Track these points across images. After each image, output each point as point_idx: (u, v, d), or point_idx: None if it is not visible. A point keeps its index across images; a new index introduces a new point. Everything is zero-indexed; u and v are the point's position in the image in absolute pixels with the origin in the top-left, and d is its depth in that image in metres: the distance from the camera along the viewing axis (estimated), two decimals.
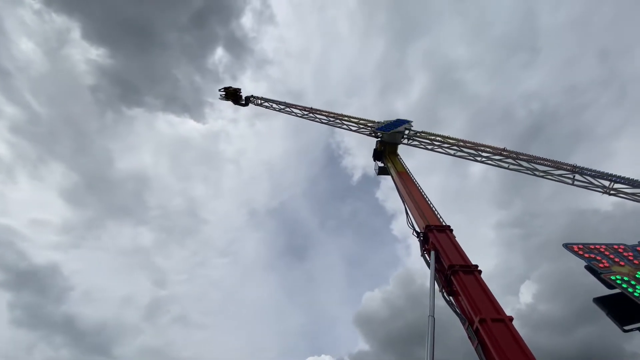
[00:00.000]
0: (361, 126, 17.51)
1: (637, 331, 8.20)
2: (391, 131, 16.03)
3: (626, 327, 8.33)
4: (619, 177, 11.77)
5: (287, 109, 21.20)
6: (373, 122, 17.32)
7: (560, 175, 12.87)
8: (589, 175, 12.29)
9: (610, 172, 12.07)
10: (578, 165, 12.63)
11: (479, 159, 14.52)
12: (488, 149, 14.26)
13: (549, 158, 13.14)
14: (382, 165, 16.19)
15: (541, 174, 13.16)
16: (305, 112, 20.01)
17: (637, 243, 10.62)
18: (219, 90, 26.20)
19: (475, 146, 14.58)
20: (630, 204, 11.44)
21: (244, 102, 25.70)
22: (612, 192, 11.81)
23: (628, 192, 11.66)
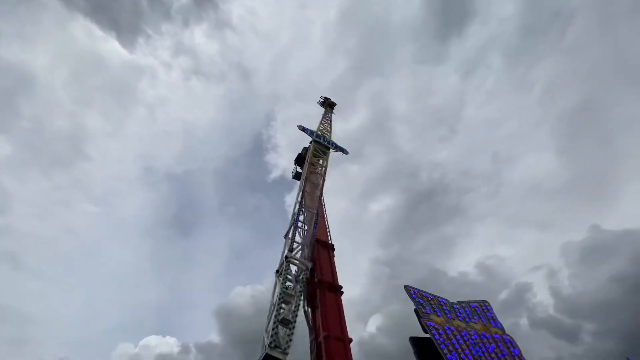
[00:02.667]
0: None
1: None
2: (331, 149, 16.34)
3: None
4: None
5: None
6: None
7: None
8: None
9: (468, 249, 14.71)
10: None
11: None
12: None
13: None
14: (300, 171, 16.27)
15: None
16: None
17: (455, 302, 12.92)
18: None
19: None
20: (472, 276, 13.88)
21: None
22: None
23: None
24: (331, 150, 16.15)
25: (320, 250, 10.35)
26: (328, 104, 21.15)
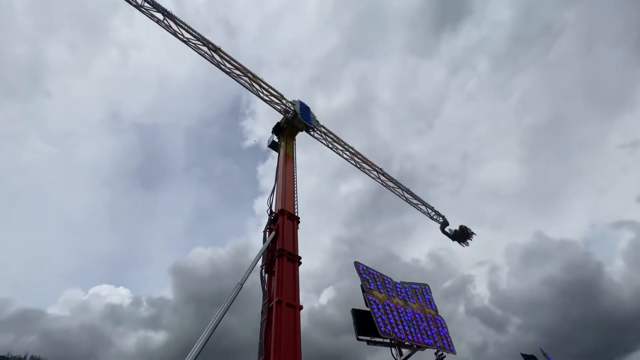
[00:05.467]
0: (274, 99, 16.81)
1: (366, 343, 10.90)
2: (305, 119, 16.16)
3: (360, 337, 11.01)
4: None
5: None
6: (285, 99, 16.98)
7: (415, 203, 20.16)
8: (412, 196, 19.85)
9: (424, 238, 16.70)
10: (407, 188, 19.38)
11: (357, 164, 18.78)
12: (370, 163, 19.21)
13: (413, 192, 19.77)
14: (276, 141, 16.13)
15: (389, 185, 19.54)
16: (208, 51, 14.76)
17: (399, 282, 14.26)
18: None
19: (364, 159, 19.18)
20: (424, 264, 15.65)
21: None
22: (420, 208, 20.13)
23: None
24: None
25: (285, 220, 10.69)
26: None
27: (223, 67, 15.43)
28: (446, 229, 21.46)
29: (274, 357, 6.94)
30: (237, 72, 15.70)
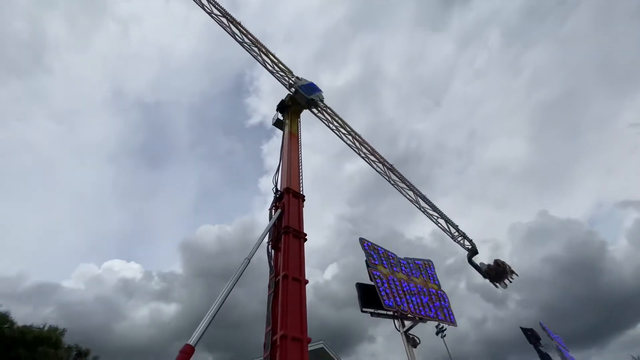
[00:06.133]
0: (280, 72, 16.63)
1: (370, 315, 11.36)
2: (309, 96, 15.95)
3: (364, 309, 11.47)
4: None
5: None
6: (292, 74, 16.75)
7: (432, 215, 17.18)
8: (428, 204, 17.04)
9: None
10: (423, 195, 17.29)
11: (361, 154, 18.01)
12: (379, 156, 18.19)
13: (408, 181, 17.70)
14: (281, 118, 16.01)
15: (399, 185, 17.79)
16: (222, 15, 15.93)
17: (403, 257, 14.59)
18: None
19: (363, 142, 18.23)
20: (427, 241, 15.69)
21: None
22: (438, 222, 16.86)
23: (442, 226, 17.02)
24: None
25: (291, 198, 10.84)
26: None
27: (237, 37, 16.11)
28: (475, 261, 16.28)
29: (280, 327, 7.31)
30: (248, 43, 16.31)
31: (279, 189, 11.74)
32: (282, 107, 16.21)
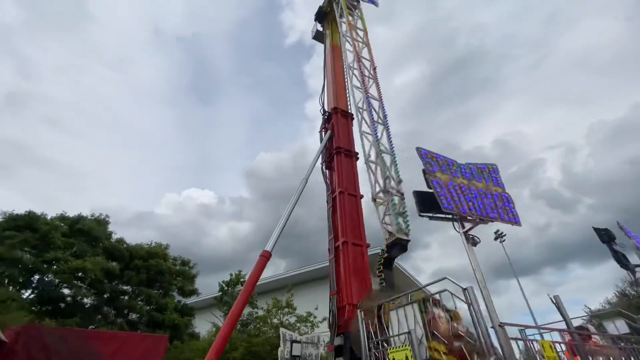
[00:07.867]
0: None
1: (428, 218, 11.92)
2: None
3: (422, 214, 11.99)
4: None
5: None
6: None
7: None
8: None
9: (490, 123, 14.56)
10: None
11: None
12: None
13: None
14: (321, 30, 14.75)
15: None
16: None
17: (464, 163, 14.08)
18: None
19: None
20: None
21: None
22: None
23: None
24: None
25: (339, 118, 10.87)
26: None
27: None
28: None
29: (341, 234, 8.39)
30: None
31: (326, 109, 11.70)
32: (320, 15, 14.73)
